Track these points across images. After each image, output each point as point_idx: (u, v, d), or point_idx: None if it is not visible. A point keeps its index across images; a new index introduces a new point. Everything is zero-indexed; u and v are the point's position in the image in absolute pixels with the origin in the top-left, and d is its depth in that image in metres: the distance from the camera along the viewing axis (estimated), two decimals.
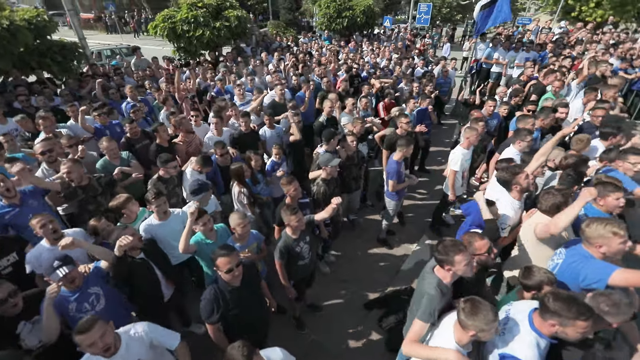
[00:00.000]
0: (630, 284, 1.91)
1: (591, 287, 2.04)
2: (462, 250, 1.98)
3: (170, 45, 9.66)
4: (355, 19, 13.66)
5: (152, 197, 3.01)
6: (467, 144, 4.24)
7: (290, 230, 2.89)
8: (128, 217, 3.23)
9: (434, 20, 22.06)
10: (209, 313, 2.28)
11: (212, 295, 2.29)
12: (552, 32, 11.75)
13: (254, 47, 10.57)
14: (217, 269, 2.25)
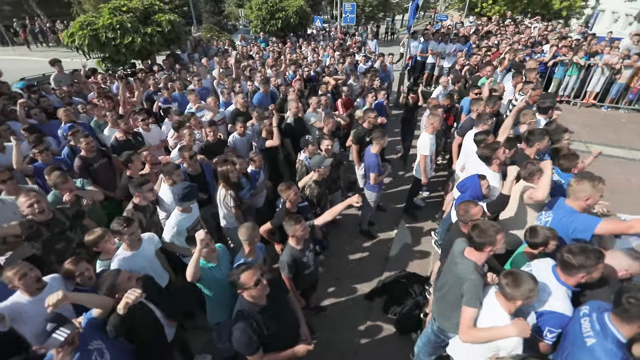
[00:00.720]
0: (611, 232, 2.28)
1: (579, 237, 2.38)
2: (499, 229, 2.12)
3: (79, 57, 8.44)
4: (289, 19, 13.69)
5: (123, 226, 2.64)
6: (431, 130, 4.57)
7: (295, 241, 2.79)
8: (106, 253, 2.81)
9: (359, 18, 23.22)
10: (247, 344, 2.06)
11: (243, 323, 2.08)
12: (467, 26, 13.25)
13: (190, 53, 9.90)
14: (242, 288, 2.08)
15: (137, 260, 2.72)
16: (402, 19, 37.09)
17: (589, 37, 10.23)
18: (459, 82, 6.40)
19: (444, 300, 2.41)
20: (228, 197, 3.63)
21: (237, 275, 2.06)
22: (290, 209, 3.34)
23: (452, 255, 2.38)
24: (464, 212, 2.52)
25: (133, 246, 2.73)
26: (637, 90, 8.55)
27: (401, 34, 27.45)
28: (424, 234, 5.07)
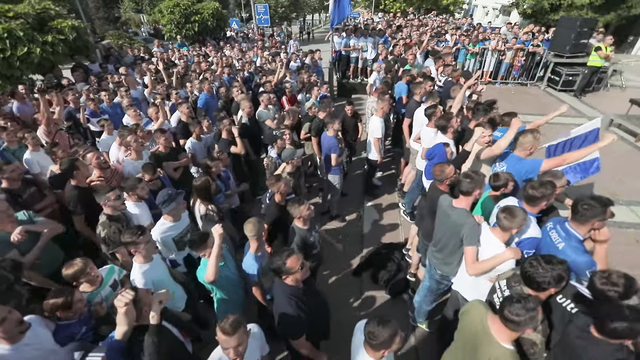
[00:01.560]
0: (552, 167, 2.92)
1: (529, 177, 2.98)
2: (483, 175, 2.52)
3: None
4: (206, 22, 13.15)
5: (138, 235, 2.42)
6: (381, 114, 5.04)
7: (301, 222, 2.89)
8: (90, 284, 2.48)
9: (272, 19, 23.38)
10: (298, 326, 2.12)
11: (292, 305, 2.12)
12: (377, 22, 14.47)
13: (102, 63, 8.81)
14: (287, 273, 2.12)
15: (156, 272, 2.53)
16: (312, 18, 38.49)
17: (478, 27, 12.16)
18: (391, 71, 7.06)
19: (443, 252, 2.78)
20: (210, 212, 3.48)
21: (283, 261, 2.10)
22: (279, 201, 3.38)
23: (441, 210, 2.75)
24: (440, 172, 2.92)
25: (148, 257, 2.50)
26: (519, 67, 10.55)
27: (316, 32, 28.55)
28: (387, 207, 5.54)
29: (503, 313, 1.70)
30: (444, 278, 2.86)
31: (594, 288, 1.92)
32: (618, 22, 15.62)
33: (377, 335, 1.70)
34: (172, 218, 2.94)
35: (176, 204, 2.88)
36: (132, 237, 2.42)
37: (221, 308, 2.74)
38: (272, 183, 3.28)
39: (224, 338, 1.74)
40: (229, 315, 1.80)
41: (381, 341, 1.71)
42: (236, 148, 4.57)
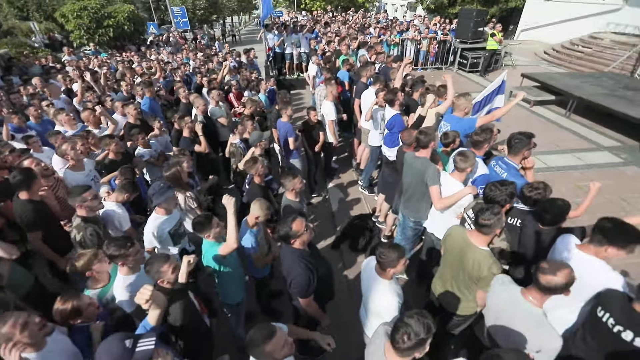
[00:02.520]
0: (486, 121, 3.60)
1: (469, 132, 3.62)
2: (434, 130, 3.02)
3: None
4: (122, 27, 12.12)
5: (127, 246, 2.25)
6: (331, 97, 5.43)
7: (293, 194, 3.10)
8: (98, 279, 2.38)
9: (192, 22, 22.35)
10: (307, 285, 2.29)
11: (302, 267, 2.29)
12: (301, 19, 14.96)
13: (3, 75, 7.61)
14: (295, 237, 2.30)
15: (141, 282, 2.28)
16: (232, 21, 37.59)
17: (395, 21, 13.43)
18: (330, 62, 7.53)
19: (412, 200, 3.26)
20: (189, 200, 3.45)
21: (289, 226, 2.27)
22: (259, 182, 3.52)
23: (407, 164, 3.21)
24: (408, 136, 3.38)
25: (136, 268, 2.35)
26: (434, 54, 11.99)
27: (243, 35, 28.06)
28: (348, 185, 5.97)
29: (478, 221, 2.17)
30: (417, 224, 3.34)
31: (525, 196, 2.59)
32: (500, 14, 18.64)
33: (387, 255, 2.04)
34: (165, 211, 2.88)
35: (166, 197, 2.83)
36: (120, 249, 2.23)
37: (227, 287, 2.81)
38: (249, 166, 3.40)
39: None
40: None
41: (389, 260, 2.04)
42: (199, 147, 4.51)
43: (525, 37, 18.12)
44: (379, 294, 2.15)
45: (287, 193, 3.11)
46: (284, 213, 3.16)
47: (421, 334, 1.48)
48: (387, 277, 2.13)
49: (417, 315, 1.52)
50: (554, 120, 8.10)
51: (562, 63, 12.70)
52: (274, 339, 1.57)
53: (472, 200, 2.87)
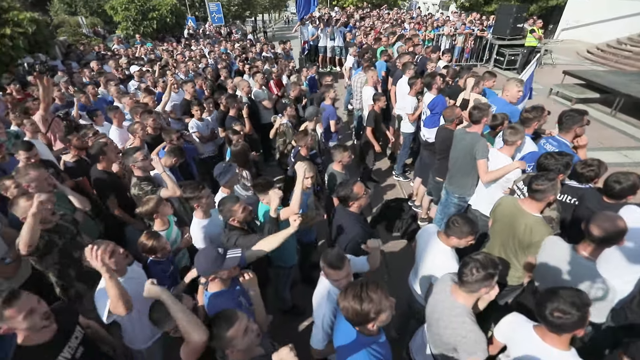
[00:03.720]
0: None
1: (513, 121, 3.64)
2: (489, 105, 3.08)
3: None
4: (165, 19, 12.77)
5: (200, 189, 2.54)
6: (372, 83, 5.50)
7: (340, 166, 3.25)
8: (162, 221, 2.66)
9: (226, 18, 23.07)
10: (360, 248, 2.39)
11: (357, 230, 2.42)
12: (335, 15, 15.12)
13: (63, 60, 8.27)
14: (354, 199, 2.44)
15: (214, 227, 2.64)
16: (262, 19, 38.36)
17: (430, 16, 13.31)
18: (368, 52, 7.63)
19: (457, 175, 3.33)
20: (244, 179, 3.65)
21: (350, 188, 2.41)
22: (305, 155, 3.69)
23: (457, 139, 3.27)
24: (450, 113, 3.46)
25: (207, 213, 2.62)
26: (469, 50, 11.79)
27: (269, 31, 28.61)
28: (383, 173, 6.06)
29: (531, 187, 2.22)
30: (461, 199, 3.40)
31: (577, 173, 2.58)
32: (540, 12, 17.99)
33: (460, 223, 2.10)
34: (229, 190, 3.08)
35: (230, 175, 3.01)
36: (194, 191, 2.54)
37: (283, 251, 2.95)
38: (300, 137, 3.58)
39: (333, 272, 1.84)
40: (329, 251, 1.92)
41: (459, 231, 2.10)
42: (245, 128, 4.75)
43: (566, 36, 17.40)
44: (438, 257, 2.22)
45: (335, 164, 3.26)
46: (328, 181, 3.31)
47: (489, 267, 1.57)
48: (448, 243, 2.20)
49: (484, 253, 1.62)
50: (597, 118, 7.79)
51: (607, 62, 12.14)
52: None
53: (521, 174, 2.90)
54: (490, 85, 4.26)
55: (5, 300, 1.52)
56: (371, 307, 1.42)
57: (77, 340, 1.87)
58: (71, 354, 1.80)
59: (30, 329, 1.60)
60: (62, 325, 1.80)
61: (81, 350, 1.86)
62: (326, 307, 1.92)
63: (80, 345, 1.87)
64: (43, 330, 1.66)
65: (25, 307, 1.57)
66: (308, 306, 2.34)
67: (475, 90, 4.00)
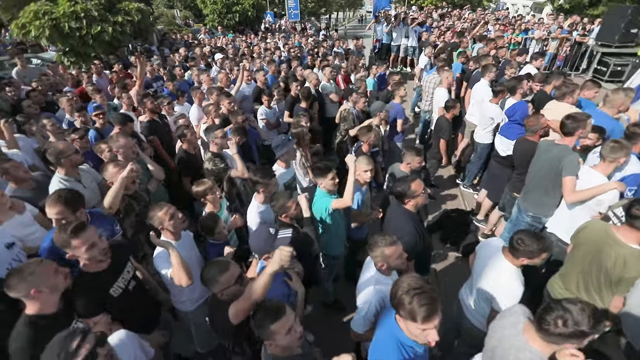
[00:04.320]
0: None
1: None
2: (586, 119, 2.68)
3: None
4: (246, 13, 13.61)
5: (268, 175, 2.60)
6: (446, 84, 5.23)
7: (408, 168, 3.12)
8: (213, 204, 2.79)
9: (301, 15, 23.80)
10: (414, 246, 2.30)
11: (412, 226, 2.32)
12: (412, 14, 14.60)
13: (159, 45, 9.34)
14: (411, 196, 2.33)
15: (269, 214, 2.66)
16: (336, 17, 38.77)
17: (520, 18, 12.12)
18: (444, 53, 7.22)
19: (535, 192, 2.96)
20: (303, 158, 3.74)
21: (408, 184, 2.31)
22: (366, 151, 3.62)
23: (540, 151, 2.91)
24: (535, 122, 3.09)
25: (267, 199, 2.65)
26: (562, 58, 10.45)
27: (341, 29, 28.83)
28: (445, 180, 5.70)
29: (631, 212, 1.87)
30: (535, 220, 3.02)
31: None
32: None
33: (527, 243, 1.87)
34: (285, 164, 3.19)
35: (287, 149, 3.11)
36: (264, 177, 2.58)
37: (330, 239, 2.95)
38: (363, 133, 3.51)
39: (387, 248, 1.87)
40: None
41: (528, 250, 1.87)
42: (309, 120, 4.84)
43: None
44: (502, 275, 2.00)
45: (402, 165, 3.13)
46: (389, 180, 3.20)
47: (582, 324, 1.29)
48: (515, 263, 1.98)
49: (582, 303, 1.33)
50: None
51: None
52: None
53: (618, 199, 2.47)
54: (591, 96, 3.71)
55: (73, 231, 1.76)
56: None
57: (129, 275, 2.10)
58: (125, 285, 2.03)
59: (90, 259, 1.85)
60: (117, 258, 2.02)
61: (133, 284, 2.09)
62: (373, 296, 1.87)
63: (132, 279, 2.10)
64: (100, 263, 1.91)
65: (88, 240, 1.81)
66: (349, 302, 2.29)
67: (567, 100, 3.51)
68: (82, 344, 1.30)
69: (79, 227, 1.79)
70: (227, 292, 1.68)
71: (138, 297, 2.10)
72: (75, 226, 1.78)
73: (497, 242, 2.16)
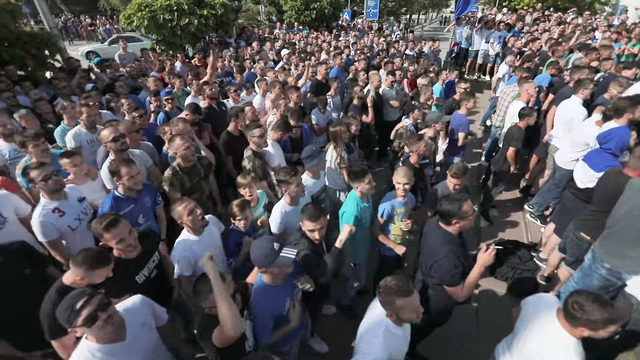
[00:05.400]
0: None
1: None
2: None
3: None
4: (324, 10, 13.75)
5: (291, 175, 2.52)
6: (526, 97, 4.65)
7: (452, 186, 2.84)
8: (252, 200, 2.82)
9: (380, 13, 23.27)
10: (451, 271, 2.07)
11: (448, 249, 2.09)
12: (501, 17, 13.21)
13: (236, 38, 9.97)
14: (461, 217, 2.08)
15: (293, 217, 2.59)
16: (417, 17, 37.15)
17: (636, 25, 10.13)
18: (530, 62, 6.37)
19: (617, 237, 2.40)
20: (339, 158, 3.62)
21: (459, 204, 2.06)
22: (414, 163, 3.35)
23: (633, 187, 2.36)
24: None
25: (295, 200, 2.62)
26: None
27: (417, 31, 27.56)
28: (509, 205, 5.03)
29: None
30: (613, 274, 2.45)
31: None
32: None
33: (587, 310, 1.51)
34: (313, 175, 3.10)
35: (318, 161, 3.01)
36: (285, 176, 2.53)
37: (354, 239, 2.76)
38: (413, 142, 3.26)
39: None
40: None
41: (588, 319, 1.51)
42: (366, 118, 4.66)
43: None
44: (555, 349, 1.62)
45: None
46: (430, 200, 2.92)
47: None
48: (574, 334, 1.60)
49: None
50: None
51: None
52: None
53: None
54: None
55: (105, 226, 1.93)
56: None
57: (154, 264, 2.23)
58: (149, 273, 2.17)
59: (120, 250, 2.03)
60: (146, 248, 2.17)
61: (155, 273, 2.22)
62: (381, 351, 1.61)
63: (155, 269, 2.22)
64: (130, 252, 2.07)
65: (118, 235, 1.97)
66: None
67: None
68: (85, 304, 1.43)
69: (111, 223, 1.95)
70: (214, 311, 1.65)
71: (156, 283, 2.22)
72: (109, 222, 1.95)
73: (550, 299, 1.78)
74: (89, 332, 1.49)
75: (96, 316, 1.45)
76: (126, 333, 1.65)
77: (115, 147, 2.95)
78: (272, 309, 1.89)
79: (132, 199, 2.58)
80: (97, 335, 1.53)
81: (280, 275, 1.91)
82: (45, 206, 2.38)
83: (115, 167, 2.47)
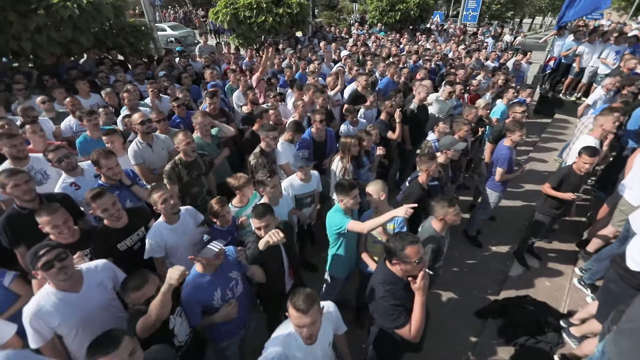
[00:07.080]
0: None
1: None
2: None
3: None
4: (409, 12, 13.14)
5: (267, 177, 2.60)
6: (599, 133, 3.82)
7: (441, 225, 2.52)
8: (241, 200, 2.94)
9: (482, 17, 21.12)
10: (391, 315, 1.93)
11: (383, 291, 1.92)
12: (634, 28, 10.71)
13: (310, 37, 10.28)
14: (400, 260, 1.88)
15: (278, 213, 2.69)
16: (531, 22, 32.70)
17: None
18: (633, 85, 5.09)
19: (636, 336, 1.81)
20: (343, 169, 3.49)
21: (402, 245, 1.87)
22: (423, 183, 3.06)
23: None
24: None
25: (274, 201, 2.69)
26: None
27: (529, 38, 24.16)
28: (557, 260, 4.19)
29: None
30: None
31: None
32: None
33: None
34: (304, 177, 3.08)
35: (302, 164, 3.00)
36: (262, 176, 2.62)
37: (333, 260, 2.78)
38: (423, 161, 2.98)
39: (297, 315, 1.57)
40: (300, 289, 1.65)
41: None
42: (392, 134, 4.38)
43: None
44: None
45: (435, 221, 2.50)
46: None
47: None
48: None
49: None
50: None
51: None
52: None
53: None
54: None
55: (92, 197, 2.24)
56: None
57: (138, 237, 2.51)
58: (132, 243, 2.47)
59: (106, 218, 2.34)
60: (132, 221, 2.47)
61: (138, 245, 2.49)
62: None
63: (139, 242, 2.49)
64: (116, 222, 2.38)
65: (102, 205, 2.27)
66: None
67: None
68: (45, 253, 1.75)
69: (97, 195, 2.28)
70: (134, 309, 1.80)
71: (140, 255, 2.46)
72: (95, 193, 2.28)
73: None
74: (46, 276, 1.80)
75: (52, 264, 1.75)
76: (81, 287, 1.94)
77: (142, 129, 3.40)
78: (199, 296, 2.02)
79: (116, 186, 2.86)
80: (54, 282, 1.84)
81: (210, 266, 2.01)
82: (65, 180, 2.90)
83: (96, 157, 2.70)
